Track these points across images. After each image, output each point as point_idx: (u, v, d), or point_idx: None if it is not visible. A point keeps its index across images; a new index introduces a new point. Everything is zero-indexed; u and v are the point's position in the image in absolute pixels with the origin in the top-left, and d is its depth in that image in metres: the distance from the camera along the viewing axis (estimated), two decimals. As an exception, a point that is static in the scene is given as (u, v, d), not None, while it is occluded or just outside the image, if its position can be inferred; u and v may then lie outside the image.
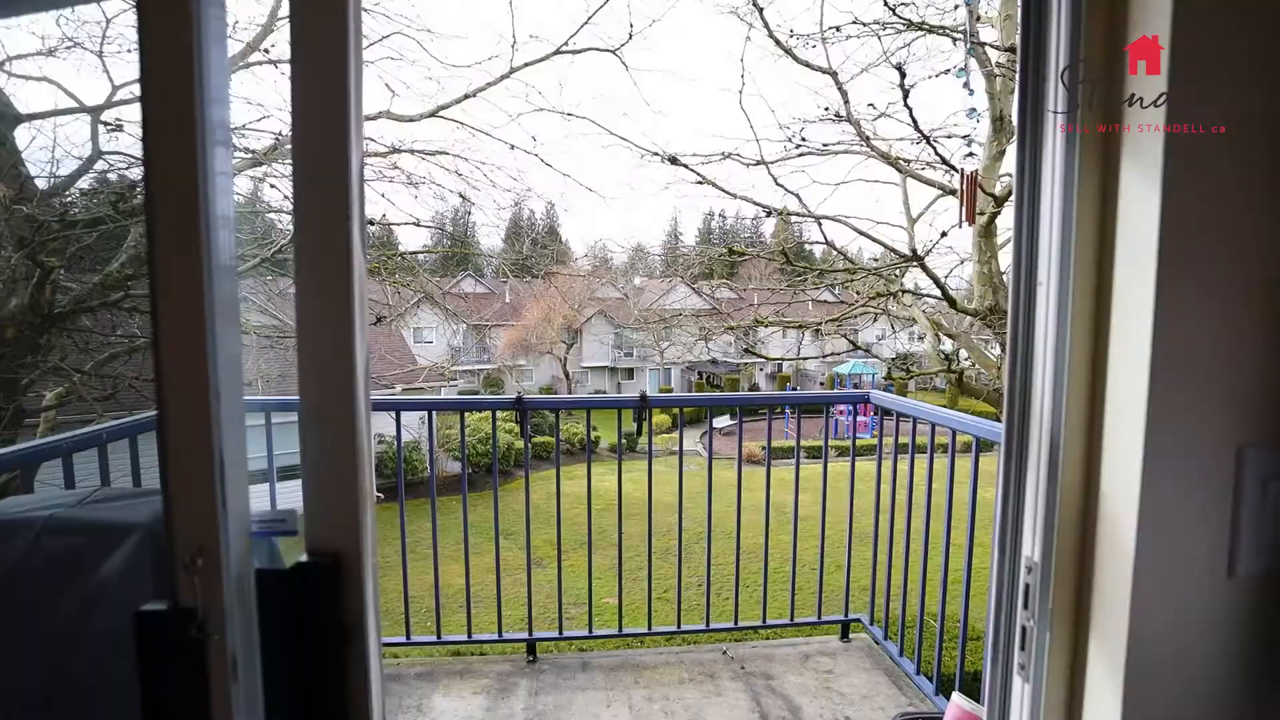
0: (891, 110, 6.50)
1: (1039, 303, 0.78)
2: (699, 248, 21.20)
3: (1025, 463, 0.79)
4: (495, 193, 8.77)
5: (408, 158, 8.12)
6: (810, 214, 7.10)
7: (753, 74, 5.90)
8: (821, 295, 16.52)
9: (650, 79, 7.32)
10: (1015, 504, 0.81)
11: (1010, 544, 0.83)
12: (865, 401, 3.00)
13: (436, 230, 11.09)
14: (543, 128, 7.93)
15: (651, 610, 3.23)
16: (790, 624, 3.17)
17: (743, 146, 7.88)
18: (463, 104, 7.72)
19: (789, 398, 3.16)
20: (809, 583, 6.07)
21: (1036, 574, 0.76)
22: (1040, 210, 0.78)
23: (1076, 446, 0.75)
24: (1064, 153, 0.77)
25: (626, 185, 10.59)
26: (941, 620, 2.59)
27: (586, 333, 41.27)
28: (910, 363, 7.98)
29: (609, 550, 3.42)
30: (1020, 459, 0.80)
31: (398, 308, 13.11)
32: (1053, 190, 0.77)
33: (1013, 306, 0.81)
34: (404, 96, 7.49)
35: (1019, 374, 0.80)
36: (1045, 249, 0.77)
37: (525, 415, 2.77)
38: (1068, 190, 0.75)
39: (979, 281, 6.98)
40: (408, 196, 7.88)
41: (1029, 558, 0.78)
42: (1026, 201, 0.80)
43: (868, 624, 3.13)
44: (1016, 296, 0.80)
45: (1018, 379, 0.80)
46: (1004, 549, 0.82)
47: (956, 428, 2.43)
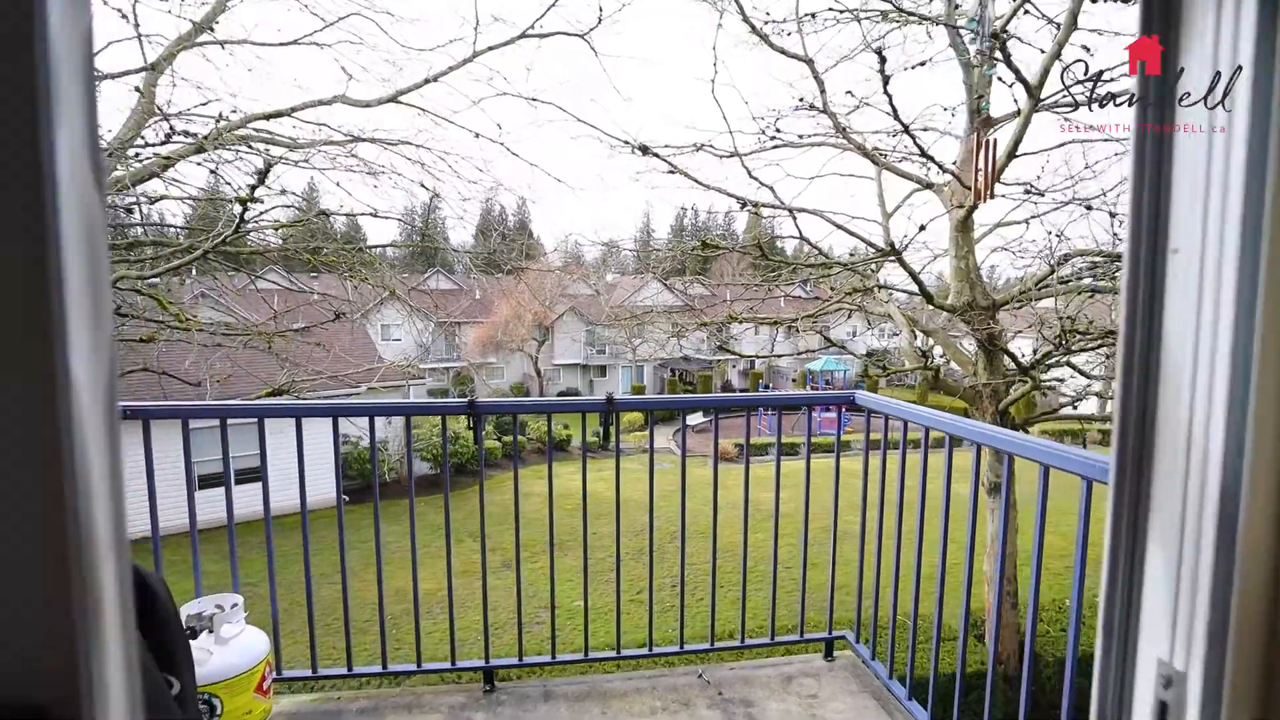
0: (870, 99, 6.34)
1: (1196, 277, 0.52)
2: (672, 242, 20.95)
3: (1149, 513, 0.53)
4: (460, 184, 8.41)
5: (369, 147, 7.73)
6: (785, 206, 6.91)
7: (726, 63, 5.66)
8: (794, 292, 16.45)
9: (620, 66, 7.09)
10: (1132, 574, 0.55)
11: (1123, 636, 0.56)
12: (850, 403, 2.78)
13: (405, 225, 10.66)
14: (508, 115, 7.60)
15: (620, 615, 2.96)
16: (770, 643, 2.94)
17: (716, 138, 7.64)
18: (423, 90, 7.35)
19: (768, 399, 2.90)
20: (790, 593, 5.92)
21: (1184, 691, 0.51)
22: (1176, 138, 0.52)
23: (1269, 495, 0.49)
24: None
25: (597, 176, 10.27)
26: (937, 642, 2.38)
27: (558, 330, 40.84)
28: (882, 359, 7.85)
29: (577, 552, 3.16)
30: (1142, 508, 0.54)
31: (361, 304, 12.65)
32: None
33: (1130, 282, 0.54)
34: (362, 81, 7.08)
35: (1139, 383, 0.54)
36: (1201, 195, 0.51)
37: (479, 420, 2.49)
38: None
39: (955, 277, 6.87)
40: (365, 187, 7.46)
41: (1166, 663, 0.52)
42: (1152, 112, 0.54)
43: (853, 641, 2.92)
44: (1135, 268, 0.54)
45: (1135, 390, 0.54)
46: (1112, 642, 0.57)
47: (953, 432, 2.22)
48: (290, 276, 15.69)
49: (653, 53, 7.92)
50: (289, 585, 12.21)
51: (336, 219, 10.28)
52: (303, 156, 6.72)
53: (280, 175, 7.02)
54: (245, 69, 6.93)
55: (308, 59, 7.38)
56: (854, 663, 2.90)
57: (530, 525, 2.81)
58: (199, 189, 7.40)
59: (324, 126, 7.18)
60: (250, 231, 6.49)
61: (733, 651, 3.01)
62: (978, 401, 7.16)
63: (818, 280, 8.58)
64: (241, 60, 6.86)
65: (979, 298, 6.69)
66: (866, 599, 2.80)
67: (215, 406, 3.03)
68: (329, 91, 7.04)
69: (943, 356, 7.78)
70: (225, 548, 2.65)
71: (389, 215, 7.14)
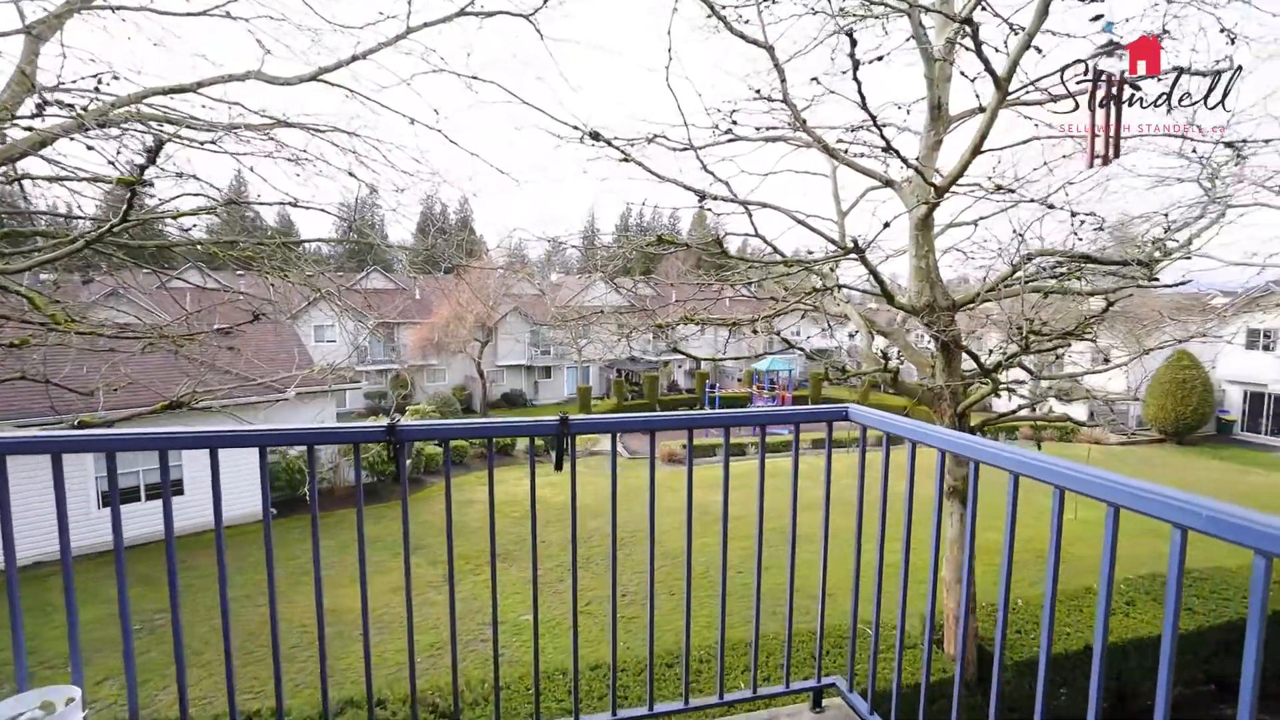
0: (834, 87, 6.07)
1: None
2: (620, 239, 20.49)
3: None
4: (395, 175, 7.75)
5: (297, 134, 7.01)
6: (742, 201, 6.57)
7: (680, 56, 5.28)
8: (745, 292, 16.26)
9: (568, 52, 6.65)
10: None
11: None
12: (844, 418, 2.43)
13: (338, 220, 9.84)
14: (446, 100, 7.01)
15: (578, 628, 2.52)
16: (753, 696, 2.54)
17: (670, 131, 7.25)
18: (354, 70, 6.70)
19: (753, 415, 2.47)
20: (774, 632, 5.49)
21: None
22: None
23: None
24: None
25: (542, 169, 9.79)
26: (958, 694, 2.02)
27: (501, 330, 39.91)
28: (828, 359, 7.64)
29: (524, 564, 2.68)
30: None
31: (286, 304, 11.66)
32: None
33: None
34: (283, 58, 6.39)
35: None
36: None
37: (401, 448, 1.99)
38: None
39: (915, 277, 6.69)
40: (288, 177, 6.75)
41: None
42: None
43: (845, 689, 2.56)
44: None
45: None
46: None
47: (961, 452, 1.87)
48: (213, 275, 14.49)
49: (603, 38, 7.55)
50: (206, 610, 11.04)
51: (268, 214, 9.39)
52: (211, 139, 5.99)
53: (191, 161, 6.24)
54: (150, 43, 6.14)
55: (221, 33, 6.61)
56: (846, 714, 2.54)
57: (475, 536, 2.33)
58: (89, 175, 6.53)
59: (238, 105, 6.45)
60: (143, 221, 5.72)
61: (714, 710, 2.61)
62: (936, 404, 7.02)
63: (777, 279, 8.31)
64: (148, 34, 6.08)
65: (939, 298, 6.53)
66: (863, 643, 2.44)
67: (91, 438, 2.42)
68: (240, 66, 6.33)
69: (899, 358, 7.62)
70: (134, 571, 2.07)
71: (309, 205, 6.46)
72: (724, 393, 35.17)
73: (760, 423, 2.38)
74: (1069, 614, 8.11)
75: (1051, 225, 6.20)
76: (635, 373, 41.66)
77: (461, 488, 18.67)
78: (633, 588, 12.12)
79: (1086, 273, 5.83)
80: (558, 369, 43.22)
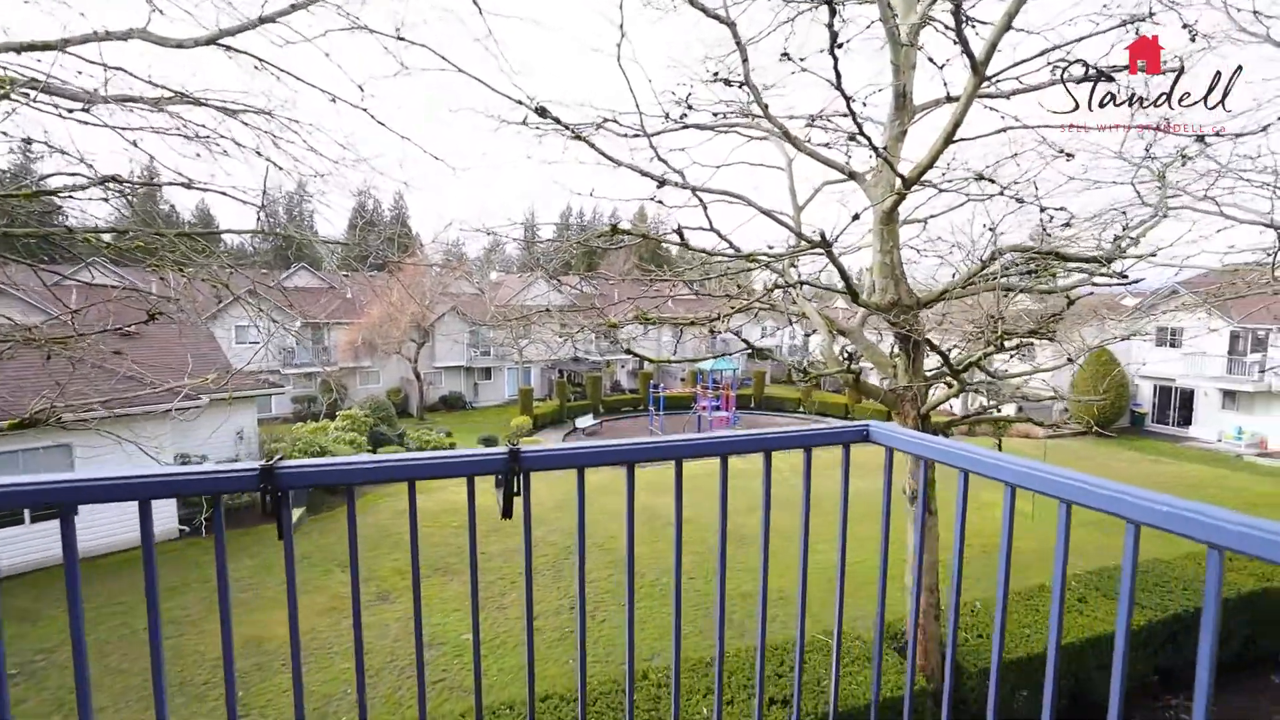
0: (796, 73, 5.68)
1: None
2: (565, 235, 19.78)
3: None
4: (316, 160, 6.91)
5: (202, 113, 6.13)
6: (697, 189, 6.11)
7: (631, 38, 4.78)
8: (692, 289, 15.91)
9: (509, 29, 6.26)
10: None
11: None
12: (865, 438, 1.98)
13: (255, 208, 8.84)
14: (371, 68, 6.26)
15: (533, 639, 1.96)
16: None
17: (621, 117, 6.73)
18: (263, 32, 5.90)
19: (758, 439, 1.94)
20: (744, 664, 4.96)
21: None
22: None
23: None
24: None
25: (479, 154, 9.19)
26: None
27: (439, 331, 38.48)
28: (765, 356, 7.30)
29: (467, 575, 2.11)
30: None
31: (192, 302, 10.45)
32: None
33: None
34: (180, 20, 5.54)
35: None
36: None
37: (282, 500, 1.40)
38: None
39: (879, 273, 6.39)
40: (184, 159, 5.83)
41: None
42: None
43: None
44: None
45: None
46: None
47: (1000, 477, 1.44)
48: (115, 272, 12.97)
49: (547, 15, 6.96)
50: (97, 645, 9.58)
51: (185, 209, 8.31)
52: (81, 106, 5.10)
53: (75, 140, 5.33)
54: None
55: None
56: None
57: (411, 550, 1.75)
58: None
59: (121, 70, 5.55)
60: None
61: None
62: (899, 405, 6.76)
63: (732, 276, 7.91)
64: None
65: (904, 295, 6.26)
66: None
67: None
68: (121, 23, 5.45)
69: (860, 358, 7.34)
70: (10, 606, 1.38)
71: (208, 187, 5.63)
72: (668, 393, 34.85)
73: (765, 448, 1.89)
74: (1026, 614, 8.04)
75: (1013, 222, 6.17)
76: (578, 373, 40.92)
77: (391, 495, 17.57)
78: (592, 601, 11.52)
79: (1055, 269, 5.66)
80: (498, 370, 42.03)
